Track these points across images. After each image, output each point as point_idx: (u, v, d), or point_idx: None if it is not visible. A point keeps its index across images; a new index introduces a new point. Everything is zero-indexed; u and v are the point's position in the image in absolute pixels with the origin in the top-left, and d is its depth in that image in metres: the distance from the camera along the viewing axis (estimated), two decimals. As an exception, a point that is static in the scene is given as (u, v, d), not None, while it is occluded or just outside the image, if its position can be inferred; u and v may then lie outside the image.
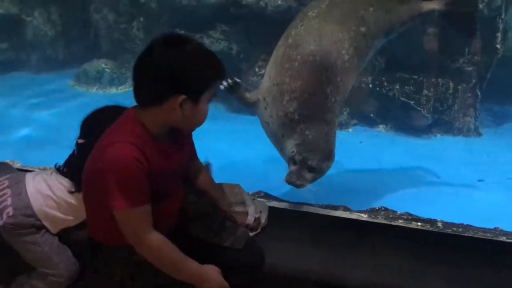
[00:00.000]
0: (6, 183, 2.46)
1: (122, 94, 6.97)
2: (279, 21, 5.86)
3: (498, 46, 5.75)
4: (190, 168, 2.32)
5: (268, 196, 3.34)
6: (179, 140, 2.09)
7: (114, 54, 7.33)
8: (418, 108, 5.81)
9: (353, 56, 3.47)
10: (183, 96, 1.87)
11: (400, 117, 5.95)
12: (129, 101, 2.13)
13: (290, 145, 3.31)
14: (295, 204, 3.20)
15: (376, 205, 3.62)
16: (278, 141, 3.47)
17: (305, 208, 3.12)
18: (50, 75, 7.50)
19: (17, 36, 7.55)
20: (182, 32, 6.43)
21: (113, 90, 7.05)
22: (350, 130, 6.03)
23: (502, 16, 5.69)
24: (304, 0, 5.69)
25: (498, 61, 5.87)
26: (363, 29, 3.58)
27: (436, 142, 5.80)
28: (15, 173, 2.63)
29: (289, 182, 3.25)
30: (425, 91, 5.83)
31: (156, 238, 1.90)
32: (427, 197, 4.49)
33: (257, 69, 6.17)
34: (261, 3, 5.90)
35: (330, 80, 3.30)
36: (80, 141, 2.39)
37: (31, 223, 2.36)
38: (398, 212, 3.38)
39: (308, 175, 3.28)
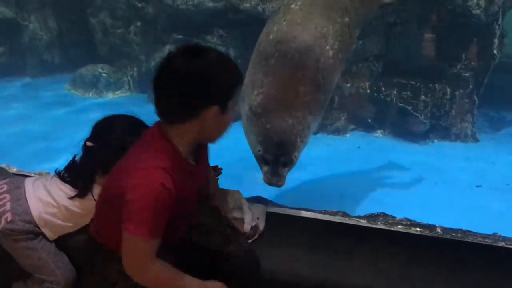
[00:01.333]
0: (5, 187, 2.42)
1: (119, 99, 6.95)
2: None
3: (495, 51, 5.76)
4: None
5: (266, 201, 3.31)
6: (200, 155, 2.02)
7: (111, 58, 7.31)
8: (416, 114, 5.81)
9: (338, 51, 3.35)
10: (216, 107, 1.79)
11: (397, 123, 5.95)
12: (126, 107, 2.12)
13: (255, 143, 3.24)
14: (294, 209, 3.17)
15: (374, 210, 3.58)
16: (248, 140, 3.39)
17: (303, 214, 3.08)
18: (46, 80, 7.48)
19: (13, 41, 7.53)
20: (180, 36, 6.46)
21: (110, 95, 7.03)
22: (348, 135, 6.03)
23: (499, 22, 5.71)
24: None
25: (494, 66, 5.88)
26: (347, 19, 3.48)
27: (434, 148, 5.80)
28: (14, 178, 2.58)
29: (268, 183, 3.19)
30: (423, 97, 5.84)
31: (156, 269, 1.84)
32: (425, 202, 4.47)
33: (254, 74, 6.15)
34: (259, 8, 5.90)
35: (307, 78, 3.18)
36: (89, 143, 2.34)
37: (29, 230, 2.32)
38: (397, 217, 3.35)
39: (283, 171, 3.21)
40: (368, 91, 5.92)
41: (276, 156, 3.17)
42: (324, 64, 3.24)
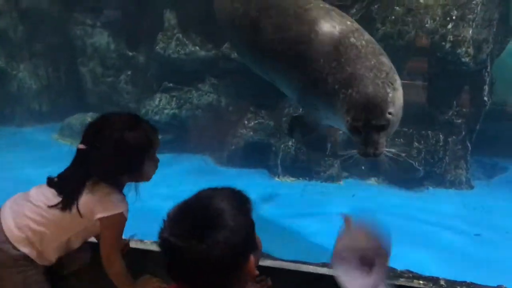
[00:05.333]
0: None
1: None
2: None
3: (485, 98, 5.79)
4: None
5: (266, 255, 3.15)
6: None
7: (101, 107, 7.23)
8: (410, 161, 5.74)
9: None
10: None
11: (391, 170, 5.85)
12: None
13: (343, 117, 3.02)
14: (292, 262, 3.01)
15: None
16: (334, 121, 3.25)
17: (297, 267, 2.93)
18: (33, 128, 7.36)
19: (1, 90, 7.45)
20: (171, 85, 6.45)
21: (98, 144, 6.90)
22: (342, 183, 5.92)
23: (488, 69, 5.77)
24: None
25: (485, 113, 5.89)
26: None
27: (429, 195, 5.70)
28: None
29: (363, 155, 2.96)
30: (416, 143, 5.80)
31: None
32: (424, 252, 4.32)
33: (246, 122, 6.11)
34: (250, 56, 5.91)
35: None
36: (81, 146, 2.19)
37: (10, 255, 2.08)
38: (399, 269, 3.21)
39: (380, 136, 2.94)
40: (361, 138, 5.87)
41: (367, 121, 2.89)
42: None
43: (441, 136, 5.83)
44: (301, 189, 5.65)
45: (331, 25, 3.30)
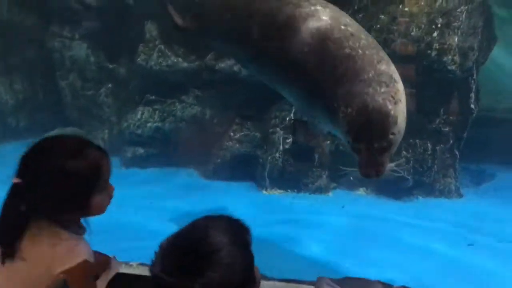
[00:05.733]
0: None
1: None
2: (253, 85, 5.78)
3: (472, 106, 5.76)
4: None
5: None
6: None
7: (80, 121, 7.03)
8: (399, 170, 5.66)
9: None
10: None
11: (380, 180, 5.77)
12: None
13: (344, 138, 2.91)
14: (285, 282, 2.88)
15: (364, 274, 3.35)
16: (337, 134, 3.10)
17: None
18: (11, 145, 7.10)
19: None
20: (153, 97, 6.29)
21: (79, 159, 6.68)
22: (330, 194, 5.83)
23: (474, 77, 5.75)
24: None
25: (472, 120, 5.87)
26: None
27: (419, 205, 5.64)
28: None
29: (365, 176, 2.83)
30: (404, 152, 5.73)
31: None
32: (417, 264, 4.24)
33: (232, 133, 5.99)
34: (235, 68, 5.80)
35: None
36: (16, 180, 1.80)
37: None
38: (395, 286, 3.10)
39: (382, 157, 2.77)
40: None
41: (368, 144, 2.75)
42: None
43: (429, 144, 5.78)
44: (290, 202, 5.53)
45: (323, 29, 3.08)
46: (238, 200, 5.41)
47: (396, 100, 2.82)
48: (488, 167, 6.61)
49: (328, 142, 5.77)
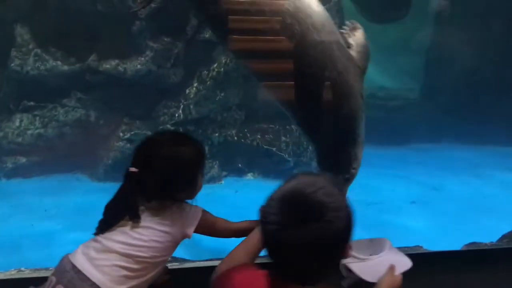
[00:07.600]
0: (54, 279, 1.97)
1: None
2: (139, 84, 5.93)
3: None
4: None
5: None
6: None
7: None
8: (280, 153, 6.32)
9: None
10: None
11: (265, 164, 6.38)
12: None
13: None
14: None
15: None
16: None
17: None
18: None
19: None
20: (32, 103, 6.06)
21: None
22: (223, 182, 6.24)
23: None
24: (164, 64, 5.86)
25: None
26: None
27: (301, 182, 6.31)
28: (61, 265, 2.06)
29: None
30: (283, 138, 6.39)
31: None
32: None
33: (121, 134, 6.04)
34: (120, 68, 5.87)
35: None
36: (133, 169, 2.10)
37: None
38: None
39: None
40: (235, 138, 6.26)
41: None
42: None
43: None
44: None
45: None
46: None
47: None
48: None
49: (217, 134, 6.19)
